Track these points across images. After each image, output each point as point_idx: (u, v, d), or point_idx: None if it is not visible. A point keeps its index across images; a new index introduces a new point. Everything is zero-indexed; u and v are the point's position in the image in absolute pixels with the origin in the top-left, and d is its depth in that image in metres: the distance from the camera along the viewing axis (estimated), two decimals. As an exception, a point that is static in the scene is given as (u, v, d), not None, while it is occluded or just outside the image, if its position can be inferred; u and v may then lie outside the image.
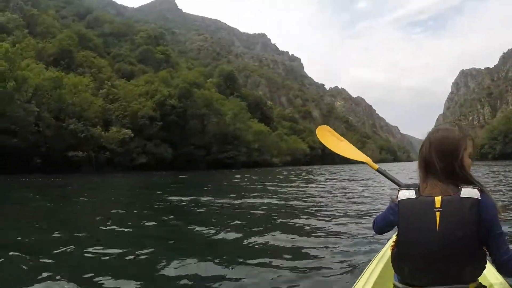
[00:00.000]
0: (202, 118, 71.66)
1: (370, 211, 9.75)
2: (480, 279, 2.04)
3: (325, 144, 4.13)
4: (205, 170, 58.08)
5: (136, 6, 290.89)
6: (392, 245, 2.07)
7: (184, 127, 67.24)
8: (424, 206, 1.94)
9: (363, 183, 21.48)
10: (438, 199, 1.92)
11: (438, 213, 1.90)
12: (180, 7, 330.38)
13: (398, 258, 2.03)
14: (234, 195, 13.65)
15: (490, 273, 2.53)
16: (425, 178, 2.04)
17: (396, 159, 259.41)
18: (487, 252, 1.97)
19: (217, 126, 74.07)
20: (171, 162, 60.06)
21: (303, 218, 8.51)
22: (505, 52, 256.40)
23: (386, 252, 2.85)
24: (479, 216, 1.86)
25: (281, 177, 31.30)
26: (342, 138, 4.14)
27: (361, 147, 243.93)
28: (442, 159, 2.00)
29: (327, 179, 27.40)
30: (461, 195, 1.89)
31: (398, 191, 2.07)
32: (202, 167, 64.30)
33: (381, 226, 2.27)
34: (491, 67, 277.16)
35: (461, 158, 2.00)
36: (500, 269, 2.05)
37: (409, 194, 2.00)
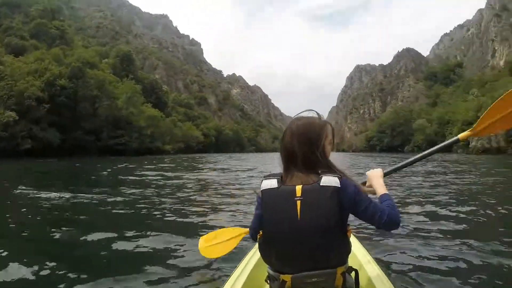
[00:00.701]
0: (93, 100, 68.78)
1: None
2: (350, 262, 2.16)
3: (215, 257, 3.66)
4: (95, 157, 56.32)
5: None
6: (259, 236, 2.12)
7: (74, 110, 63.90)
8: (285, 195, 1.97)
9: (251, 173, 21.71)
10: (298, 188, 1.95)
11: (299, 202, 1.92)
12: None
13: (263, 248, 2.11)
14: (99, 189, 12.26)
15: (360, 255, 2.83)
16: (287, 167, 2.09)
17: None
18: (351, 236, 2.09)
19: (109, 109, 71.60)
20: (59, 147, 56.73)
21: (175, 215, 7.97)
22: (399, 51, 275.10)
23: None
24: (340, 203, 1.92)
25: (167, 165, 30.01)
26: (215, 234, 3.27)
27: (255, 135, 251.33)
28: (304, 146, 2.04)
29: (217, 168, 27.36)
30: (321, 184, 1.93)
31: (262, 180, 2.11)
32: (92, 153, 62.07)
33: (256, 227, 2.22)
34: (385, 64, 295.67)
35: (322, 145, 2.07)
36: (386, 229, 2.05)
37: (271, 183, 2.04)
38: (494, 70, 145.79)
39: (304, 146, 2.03)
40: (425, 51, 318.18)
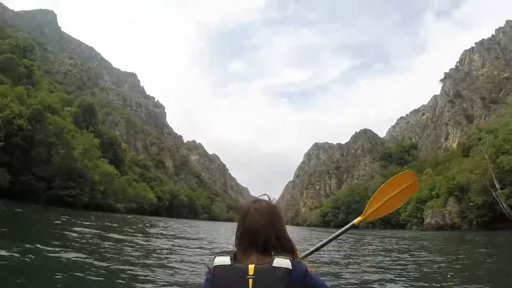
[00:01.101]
0: (49, 147, 66.20)
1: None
2: None
3: None
4: (43, 205, 53.65)
5: (16, 9, 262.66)
6: None
7: (28, 153, 60.90)
8: (237, 273, 2.03)
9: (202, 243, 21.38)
10: (251, 267, 2.02)
11: (250, 280, 1.99)
12: (60, 24, 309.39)
13: None
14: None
15: None
16: (245, 246, 2.16)
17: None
18: None
19: (64, 159, 68.79)
20: (7, 189, 52.68)
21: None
22: (357, 131, 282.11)
23: None
24: (290, 283, 1.99)
25: (112, 224, 29.49)
26: None
27: (210, 203, 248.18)
28: (271, 229, 2.16)
29: (164, 234, 26.84)
30: (273, 264, 2.01)
31: (214, 257, 2.16)
32: (41, 201, 58.69)
33: None
34: (342, 143, 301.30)
35: (279, 230, 2.20)
36: None
37: (225, 260, 2.09)
38: (447, 151, 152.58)
39: (272, 229, 2.15)
40: (381, 132, 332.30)
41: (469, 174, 67.95)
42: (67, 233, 16.26)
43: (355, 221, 3.16)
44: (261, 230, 2.12)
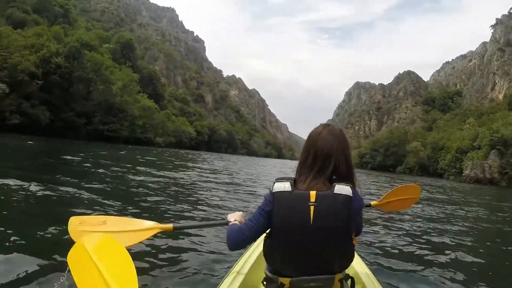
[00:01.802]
0: (88, 83, 67.27)
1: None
2: (347, 269, 2.22)
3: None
4: (83, 140, 55.27)
5: None
6: (265, 235, 2.14)
7: (67, 90, 62.05)
8: (298, 200, 1.99)
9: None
10: (313, 193, 1.99)
11: (312, 207, 1.96)
12: None
13: (270, 248, 2.11)
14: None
15: (356, 263, 2.88)
16: (303, 172, 2.12)
17: (280, 156, 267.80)
18: (355, 244, 2.14)
19: (103, 94, 69.99)
20: (47, 127, 54.71)
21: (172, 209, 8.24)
22: (400, 72, 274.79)
23: (259, 243, 2.83)
24: (350, 211, 1.97)
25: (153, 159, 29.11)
26: (104, 218, 2.80)
27: (248, 139, 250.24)
28: (342, 152, 2.13)
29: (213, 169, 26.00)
30: (334, 191, 1.98)
31: (274, 182, 2.12)
32: (81, 136, 60.50)
33: (251, 235, 2.17)
34: (385, 84, 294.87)
35: (347, 161, 2.16)
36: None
37: (285, 186, 2.05)
38: (492, 102, 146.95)
39: (343, 154, 2.13)
40: (425, 76, 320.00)
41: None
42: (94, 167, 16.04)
43: (372, 203, 3.40)
44: (334, 153, 2.10)
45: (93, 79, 67.42)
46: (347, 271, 2.22)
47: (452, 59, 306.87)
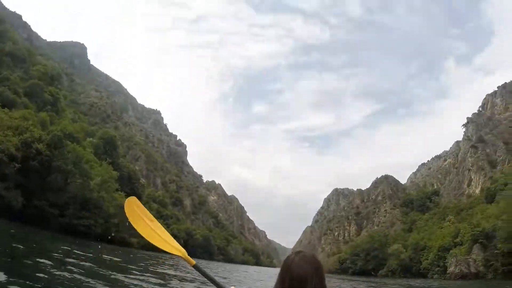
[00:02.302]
0: (66, 175, 65.54)
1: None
2: None
3: (132, 223, 3.60)
4: (53, 232, 52.86)
5: (48, 39, 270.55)
6: None
7: (44, 179, 60.74)
8: None
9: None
10: None
11: None
12: (89, 57, 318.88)
13: None
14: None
15: None
16: None
17: (258, 263, 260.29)
18: None
19: (81, 188, 68.02)
20: (19, 212, 51.70)
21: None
22: (378, 177, 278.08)
23: None
24: None
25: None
26: (154, 219, 3.60)
27: (226, 245, 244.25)
28: (316, 278, 2.11)
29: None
30: None
31: None
32: (53, 227, 58.01)
33: None
34: (363, 189, 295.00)
35: (324, 279, 2.20)
36: None
37: None
38: (470, 198, 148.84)
39: (317, 280, 2.15)
40: (402, 178, 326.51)
41: (495, 220, 65.29)
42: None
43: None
44: (309, 278, 2.09)
45: (72, 171, 65.82)
46: None
47: (428, 160, 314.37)
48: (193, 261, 3.19)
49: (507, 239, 60.30)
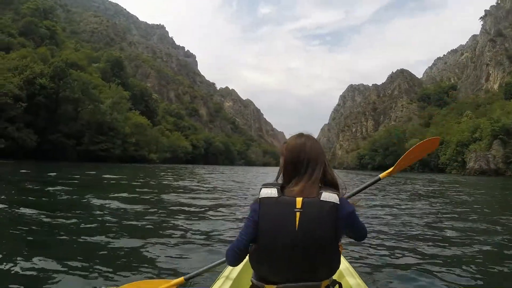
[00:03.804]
0: (76, 103, 65.53)
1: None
2: (334, 276, 2.16)
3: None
4: (74, 162, 53.21)
5: None
6: (251, 243, 2.08)
7: (54, 112, 60.55)
8: (284, 206, 1.99)
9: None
10: (299, 200, 1.99)
11: (298, 214, 1.96)
12: None
13: (256, 256, 2.07)
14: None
15: (344, 268, 2.82)
16: (291, 177, 2.11)
17: (278, 164, 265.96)
18: (341, 251, 2.11)
19: (92, 114, 68.31)
20: (35, 150, 52.97)
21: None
22: (393, 72, 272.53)
23: None
24: (337, 219, 1.97)
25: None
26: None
27: (246, 149, 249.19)
28: (316, 157, 2.12)
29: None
30: (321, 198, 1.98)
31: (261, 188, 2.09)
32: (71, 158, 58.68)
33: (241, 245, 2.12)
34: (379, 84, 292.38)
35: (327, 162, 2.18)
36: (361, 240, 2.27)
37: (272, 192, 2.04)
38: (488, 93, 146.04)
39: (317, 157, 2.16)
40: (418, 73, 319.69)
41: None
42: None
43: (381, 175, 3.18)
44: (308, 157, 2.11)
45: (80, 98, 65.64)
46: (335, 276, 2.22)
47: (444, 55, 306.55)
48: (182, 279, 3.07)
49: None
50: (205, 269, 3.26)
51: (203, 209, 10.01)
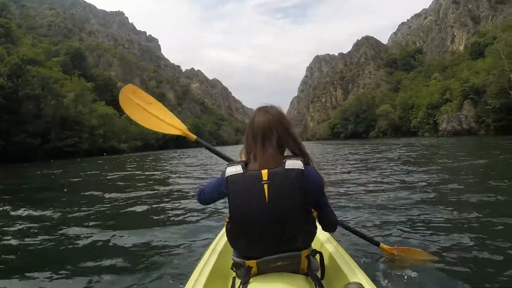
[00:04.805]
0: (37, 100, 62.74)
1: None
2: (313, 245, 2.21)
3: (129, 114, 3.35)
4: (43, 161, 51.29)
5: None
6: (226, 222, 2.10)
7: (16, 112, 57.96)
8: (251, 180, 2.00)
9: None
10: (264, 172, 2.00)
11: (266, 186, 1.97)
12: None
13: (232, 234, 2.10)
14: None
15: (323, 237, 2.86)
16: (257, 148, 2.11)
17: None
18: (316, 218, 2.12)
19: (56, 109, 65.36)
20: (0, 154, 50.21)
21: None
22: (358, 39, 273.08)
23: (224, 231, 2.53)
24: (304, 185, 1.98)
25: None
26: (153, 100, 3.37)
27: (217, 129, 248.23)
28: (280, 126, 2.13)
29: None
30: (285, 167, 1.99)
31: (226, 167, 2.11)
32: (40, 157, 56.51)
33: (212, 196, 2.28)
34: (344, 52, 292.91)
35: (289, 130, 2.17)
36: (328, 230, 2.36)
37: (237, 169, 2.06)
38: (454, 55, 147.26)
39: (281, 126, 2.16)
40: (383, 39, 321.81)
41: (486, 75, 64.14)
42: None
43: (382, 245, 3.46)
44: (271, 126, 2.12)
45: (42, 94, 62.78)
46: (314, 246, 2.27)
47: (407, 19, 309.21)
48: (194, 136, 3.36)
49: (498, 94, 59.98)
50: (213, 150, 3.35)
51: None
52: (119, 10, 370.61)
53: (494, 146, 27.68)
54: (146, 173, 20.50)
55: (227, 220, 2.06)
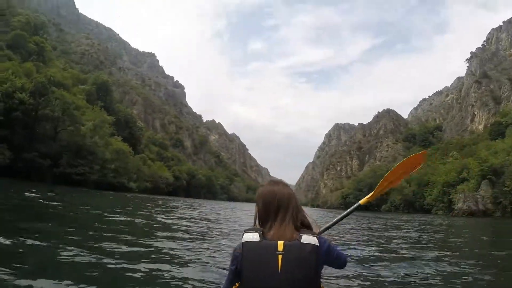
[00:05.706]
0: (55, 122, 62.92)
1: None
2: None
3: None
4: (48, 184, 50.47)
5: None
6: (237, 285, 2.18)
7: (32, 129, 58.01)
8: (267, 249, 2.11)
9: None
10: (280, 243, 2.10)
11: (280, 256, 2.07)
12: (77, 6, 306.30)
13: None
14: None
15: None
16: (269, 223, 2.23)
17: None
18: None
19: (72, 135, 65.62)
20: (7, 168, 49.41)
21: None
22: (379, 111, 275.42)
23: None
24: (317, 259, 2.11)
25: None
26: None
27: (229, 183, 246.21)
28: (294, 201, 2.30)
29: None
30: (301, 241, 2.12)
31: (243, 233, 2.22)
32: (46, 180, 55.59)
33: (230, 278, 2.31)
34: (364, 123, 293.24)
35: (299, 206, 2.35)
36: (342, 267, 2.49)
37: (253, 237, 2.16)
38: (473, 134, 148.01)
39: (296, 200, 2.35)
40: (404, 114, 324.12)
41: (505, 156, 63.02)
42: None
43: (361, 201, 3.53)
44: (279, 203, 2.23)
45: (61, 118, 63.07)
46: None
47: (429, 96, 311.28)
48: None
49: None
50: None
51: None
52: (151, 52, 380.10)
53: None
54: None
55: (237, 285, 2.17)
